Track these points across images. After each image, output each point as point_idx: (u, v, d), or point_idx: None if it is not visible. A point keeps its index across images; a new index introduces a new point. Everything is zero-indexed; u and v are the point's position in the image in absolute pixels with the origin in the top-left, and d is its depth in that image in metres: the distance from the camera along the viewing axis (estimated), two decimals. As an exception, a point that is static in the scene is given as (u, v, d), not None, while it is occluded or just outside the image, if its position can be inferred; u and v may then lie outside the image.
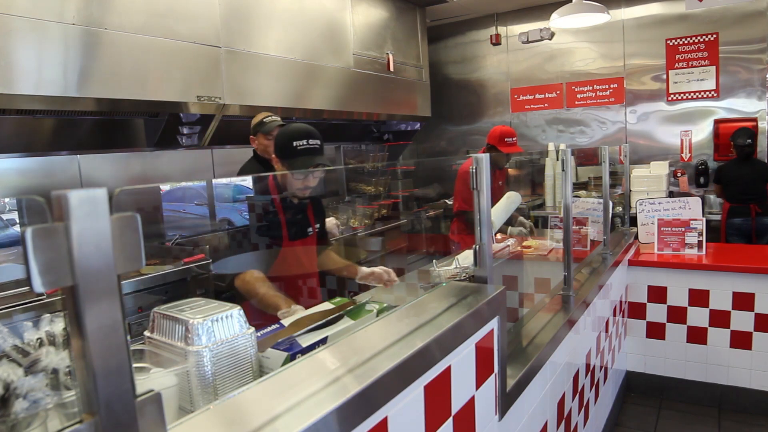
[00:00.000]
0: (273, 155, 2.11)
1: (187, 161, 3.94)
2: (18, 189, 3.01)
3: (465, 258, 2.25)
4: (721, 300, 3.21)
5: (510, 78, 6.21)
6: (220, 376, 1.10)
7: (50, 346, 1.00)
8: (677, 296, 3.33)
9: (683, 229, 3.42)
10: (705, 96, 5.23)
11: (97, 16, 2.70)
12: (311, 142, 2.02)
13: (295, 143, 2.00)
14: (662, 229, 3.46)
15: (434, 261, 2.32)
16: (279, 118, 3.05)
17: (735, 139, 4.69)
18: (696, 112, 5.30)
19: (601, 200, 3.13)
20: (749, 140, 4.61)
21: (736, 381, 3.25)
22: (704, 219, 3.42)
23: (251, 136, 3.07)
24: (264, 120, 3.01)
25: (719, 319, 3.23)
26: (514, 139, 3.66)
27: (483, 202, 1.48)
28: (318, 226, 2.33)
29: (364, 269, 2.34)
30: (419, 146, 6.77)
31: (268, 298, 1.89)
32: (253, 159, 3.10)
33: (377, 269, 2.32)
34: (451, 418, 1.21)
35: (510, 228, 3.55)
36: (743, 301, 3.16)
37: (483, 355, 1.36)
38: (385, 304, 1.62)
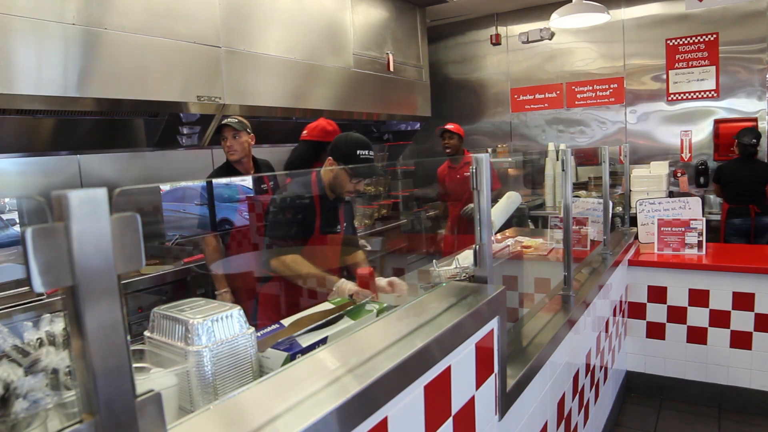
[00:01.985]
0: (329, 156, 2.30)
1: (187, 161, 3.94)
2: (18, 189, 3.02)
3: (465, 258, 2.24)
4: (721, 300, 3.21)
5: (510, 78, 6.21)
6: (220, 376, 1.10)
7: (50, 346, 1.00)
8: (677, 296, 3.33)
9: (683, 229, 3.42)
10: (705, 96, 5.23)
11: (97, 16, 2.70)
12: (370, 153, 2.29)
13: (359, 152, 2.25)
14: (662, 229, 3.46)
15: (434, 261, 2.32)
16: (236, 119, 2.99)
17: (741, 137, 4.61)
18: (696, 112, 5.29)
19: (601, 200, 3.13)
20: (754, 140, 4.55)
21: (736, 381, 3.25)
22: (704, 219, 3.42)
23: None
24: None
25: (719, 319, 3.23)
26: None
27: (483, 202, 1.48)
28: (346, 225, 2.51)
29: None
30: (419, 146, 6.77)
31: (314, 275, 2.12)
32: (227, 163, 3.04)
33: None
34: (451, 418, 1.21)
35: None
36: (743, 301, 3.16)
37: (483, 355, 1.36)
38: (385, 304, 1.62)
